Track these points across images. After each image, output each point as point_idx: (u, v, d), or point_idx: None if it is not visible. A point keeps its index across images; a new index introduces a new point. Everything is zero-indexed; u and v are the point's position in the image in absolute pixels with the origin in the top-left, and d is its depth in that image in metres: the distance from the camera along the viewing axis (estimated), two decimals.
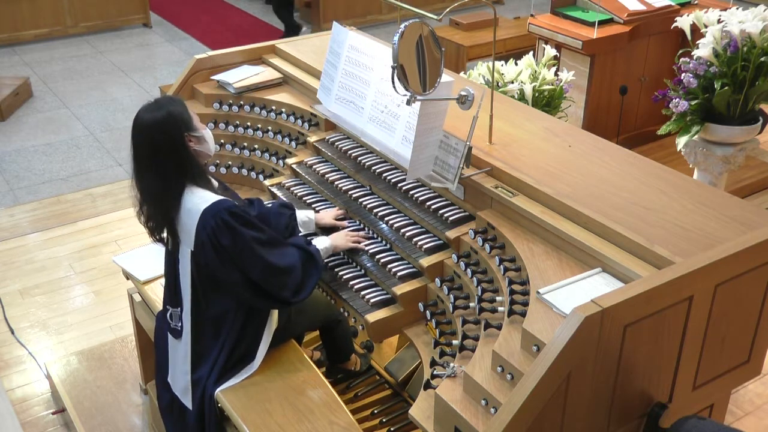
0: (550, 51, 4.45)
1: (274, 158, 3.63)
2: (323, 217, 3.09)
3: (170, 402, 2.94)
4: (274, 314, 2.83)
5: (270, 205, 3.04)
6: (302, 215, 3.05)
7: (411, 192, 2.98)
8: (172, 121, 2.63)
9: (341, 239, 2.95)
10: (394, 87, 2.56)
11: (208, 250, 2.61)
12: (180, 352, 2.84)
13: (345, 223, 3.08)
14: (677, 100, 4.40)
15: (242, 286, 2.65)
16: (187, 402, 2.85)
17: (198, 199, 2.63)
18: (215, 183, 2.80)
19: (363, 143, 3.27)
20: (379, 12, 9.75)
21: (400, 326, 2.77)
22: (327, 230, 3.08)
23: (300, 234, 3.00)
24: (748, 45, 4.28)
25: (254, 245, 2.62)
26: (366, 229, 3.05)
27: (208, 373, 2.77)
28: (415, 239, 2.84)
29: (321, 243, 2.89)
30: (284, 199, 3.32)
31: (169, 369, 2.92)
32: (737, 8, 4.49)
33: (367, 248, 2.93)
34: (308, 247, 2.80)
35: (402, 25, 2.50)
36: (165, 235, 2.76)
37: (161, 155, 2.63)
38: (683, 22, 4.66)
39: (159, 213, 2.68)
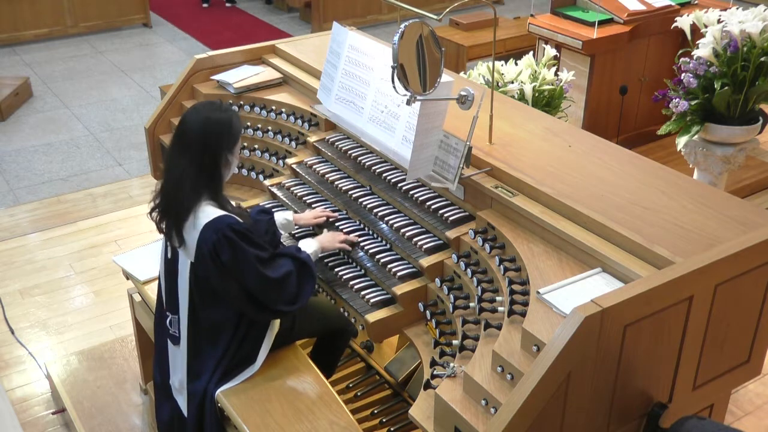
0: (550, 51, 4.45)
1: (274, 158, 3.63)
2: (302, 217, 3.11)
3: (172, 411, 2.94)
4: (276, 320, 2.83)
5: (249, 211, 3.04)
6: (280, 218, 3.07)
7: (411, 192, 2.98)
8: (229, 130, 2.67)
9: (328, 241, 2.95)
10: (394, 87, 2.56)
11: (208, 264, 2.62)
12: (178, 359, 2.85)
13: (322, 220, 3.10)
14: (677, 100, 4.40)
15: (240, 298, 2.66)
16: (183, 406, 2.85)
17: (201, 213, 2.63)
18: (231, 204, 2.80)
19: (363, 143, 3.27)
20: (379, 12, 9.75)
21: (400, 326, 2.77)
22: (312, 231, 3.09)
23: (280, 236, 3.01)
24: (748, 45, 4.28)
25: (254, 262, 2.62)
26: (366, 229, 3.05)
27: (208, 380, 2.77)
28: (415, 239, 2.84)
29: (309, 247, 2.89)
30: (285, 199, 3.32)
31: (170, 371, 2.92)
32: (737, 8, 4.49)
33: (367, 248, 2.93)
34: (300, 255, 2.78)
35: (402, 25, 2.50)
36: (167, 228, 2.73)
37: (206, 150, 2.63)
38: (683, 22, 4.66)
39: (178, 201, 2.65)
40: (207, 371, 2.77)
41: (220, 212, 2.64)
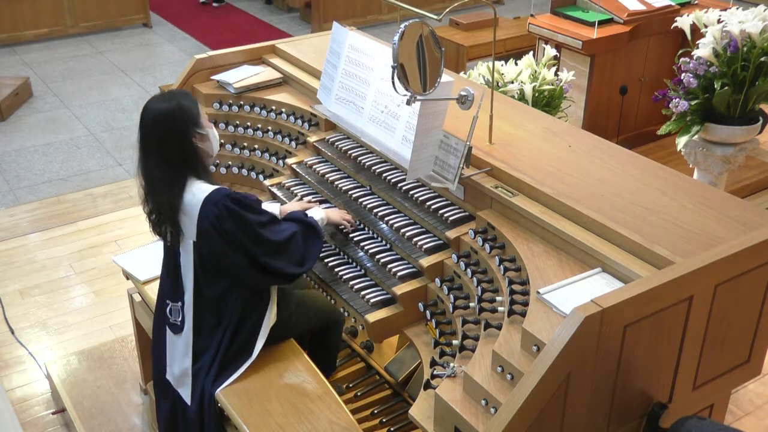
0: (550, 51, 4.45)
1: (274, 158, 3.63)
2: (289, 207, 3.16)
3: (171, 409, 2.94)
4: (273, 307, 2.84)
5: None
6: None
7: (411, 192, 2.98)
8: (181, 113, 2.67)
9: (334, 213, 3.04)
10: (394, 87, 2.56)
11: (213, 237, 2.65)
12: (180, 347, 2.85)
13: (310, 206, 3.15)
14: (677, 100, 4.40)
15: (248, 268, 2.69)
16: (186, 396, 2.85)
17: (197, 190, 2.67)
18: None
19: (363, 143, 3.27)
20: (379, 12, 9.75)
21: (400, 326, 2.77)
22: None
23: None
24: (748, 45, 4.28)
25: (257, 228, 2.68)
26: (366, 229, 3.05)
27: (209, 366, 2.77)
28: (415, 239, 2.84)
29: (317, 214, 2.98)
30: (285, 199, 3.32)
31: (167, 365, 2.92)
32: (737, 8, 4.49)
33: (367, 248, 2.94)
34: (307, 218, 2.89)
35: (402, 25, 2.50)
36: (165, 228, 2.76)
37: (167, 145, 2.66)
38: (683, 22, 4.66)
39: (162, 201, 2.70)
40: (209, 352, 2.79)
41: (214, 186, 2.69)
